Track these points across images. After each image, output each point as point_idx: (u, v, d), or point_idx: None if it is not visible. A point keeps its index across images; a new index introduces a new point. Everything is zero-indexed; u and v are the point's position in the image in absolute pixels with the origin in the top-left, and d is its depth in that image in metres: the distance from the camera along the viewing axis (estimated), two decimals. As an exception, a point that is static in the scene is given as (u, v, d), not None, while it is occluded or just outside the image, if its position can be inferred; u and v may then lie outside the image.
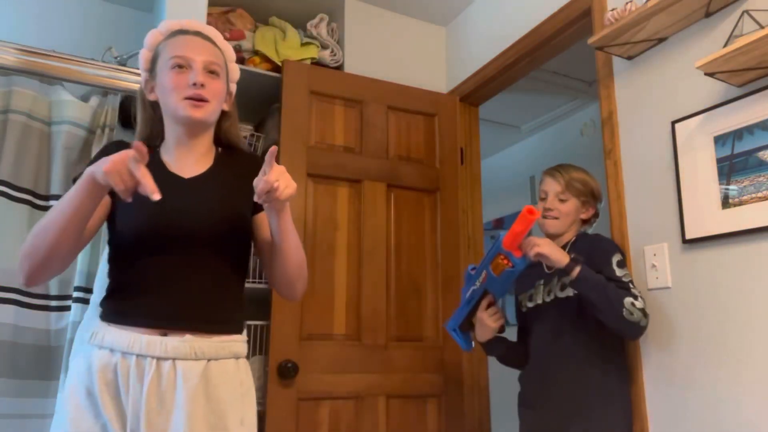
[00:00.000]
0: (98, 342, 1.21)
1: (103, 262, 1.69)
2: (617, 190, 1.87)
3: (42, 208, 2.04)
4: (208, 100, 1.29)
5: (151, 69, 1.34)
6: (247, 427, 1.24)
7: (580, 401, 1.65)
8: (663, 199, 1.72)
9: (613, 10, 1.76)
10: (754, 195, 1.47)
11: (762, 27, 1.47)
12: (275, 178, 1.12)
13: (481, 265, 1.71)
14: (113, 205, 1.29)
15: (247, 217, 1.36)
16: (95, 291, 1.66)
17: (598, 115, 3.47)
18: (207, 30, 1.37)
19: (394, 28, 2.82)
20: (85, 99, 2.18)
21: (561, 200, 1.82)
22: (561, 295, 1.74)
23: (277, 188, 1.13)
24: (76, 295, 1.96)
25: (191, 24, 1.36)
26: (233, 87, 1.44)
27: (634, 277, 1.77)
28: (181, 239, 1.25)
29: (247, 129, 2.49)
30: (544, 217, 1.83)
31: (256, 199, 1.16)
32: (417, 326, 2.37)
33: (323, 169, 2.33)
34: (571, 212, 1.81)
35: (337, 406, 2.16)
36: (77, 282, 1.97)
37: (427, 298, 2.42)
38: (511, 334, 1.92)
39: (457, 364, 2.41)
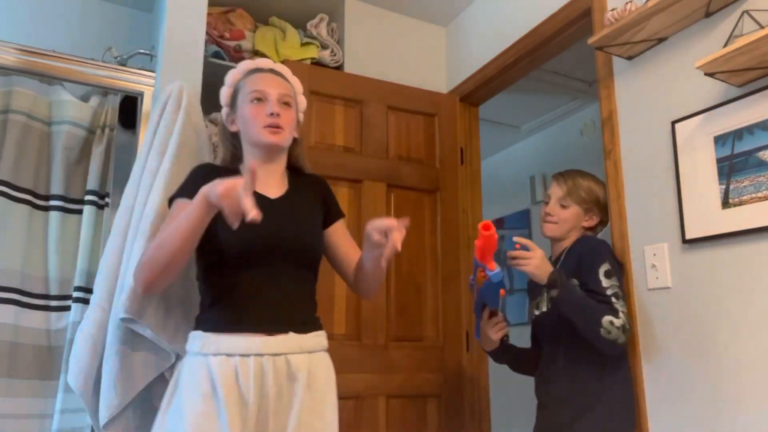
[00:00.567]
0: (213, 350, 1.33)
1: (103, 263, 1.68)
2: (617, 190, 1.87)
3: (42, 208, 2.04)
4: (283, 128, 1.47)
5: (232, 104, 1.55)
6: (336, 413, 1.42)
7: (577, 406, 1.65)
8: (663, 199, 1.72)
9: (613, 10, 1.76)
10: (754, 195, 1.47)
11: (762, 27, 1.47)
12: (398, 239, 1.29)
13: (472, 279, 1.76)
14: (211, 225, 1.38)
15: (321, 234, 1.57)
16: (96, 291, 1.66)
17: (598, 115, 3.47)
18: (278, 67, 1.58)
19: (394, 28, 2.82)
20: (85, 99, 2.18)
21: (562, 206, 1.82)
22: None
23: (395, 245, 1.30)
24: (76, 295, 1.96)
25: (265, 63, 1.57)
26: (301, 116, 1.62)
27: (634, 278, 1.78)
28: (279, 252, 1.42)
29: (247, 129, 2.49)
30: (544, 221, 1.85)
31: (372, 248, 1.36)
32: (417, 326, 2.37)
33: (323, 169, 2.33)
34: (571, 219, 1.81)
35: (337, 406, 2.16)
36: (77, 282, 1.97)
37: (427, 298, 2.42)
38: (524, 339, 1.93)
39: (457, 364, 2.41)
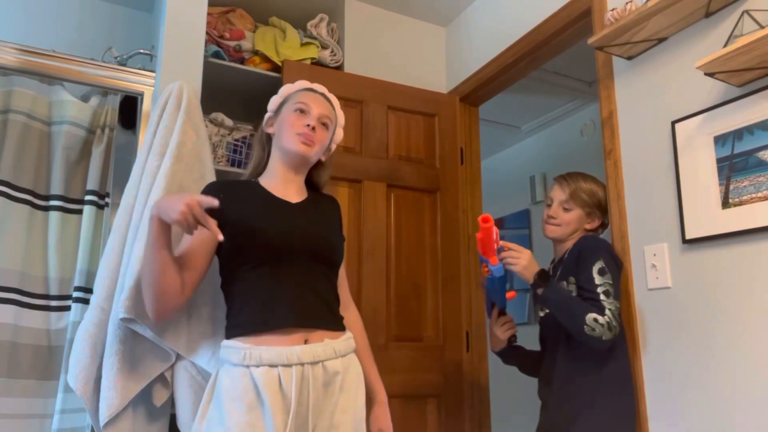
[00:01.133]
0: (256, 361, 1.35)
1: (103, 263, 1.68)
2: (617, 190, 1.87)
3: (42, 208, 2.04)
4: (314, 144, 1.54)
5: (276, 110, 1.63)
6: (364, 411, 1.49)
7: (575, 406, 1.65)
8: (663, 199, 1.72)
9: (613, 10, 1.76)
10: (754, 195, 1.47)
11: (762, 27, 1.47)
12: None
13: (480, 276, 1.82)
14: (237, 227, 1.45)
15: (343, 239, 1.63)
16: (96, 291, 1.66)
17: (598, 115, 3.47)
18: (330, 95, 1.66)
19: (394, 28, 2.82)
20: (85, 99, 2.18)
21: (565, 209, 1.83)
22: None
23: None
24: (76, 295, 1.96)
25: (319, 87, 1.66)
26: (334, 146, 1.69)
27: (634, 278, 1.78)
28: (308, 251, 1.47)
29: (247, 129, 2.49)
30: (546, 223, 1.86)
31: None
32: (417, 326, 2.37)
33: (323, 169, 2.33)
34: (573, 221, 1.83)
35: (337, 406, 2.15)
36: (77, 282, 1.97)
37: (427, 298, 2.42)
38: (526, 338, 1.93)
39: (457, 364, 2.41)
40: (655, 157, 1.76)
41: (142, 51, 2.33)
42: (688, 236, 1.62)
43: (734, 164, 1.52)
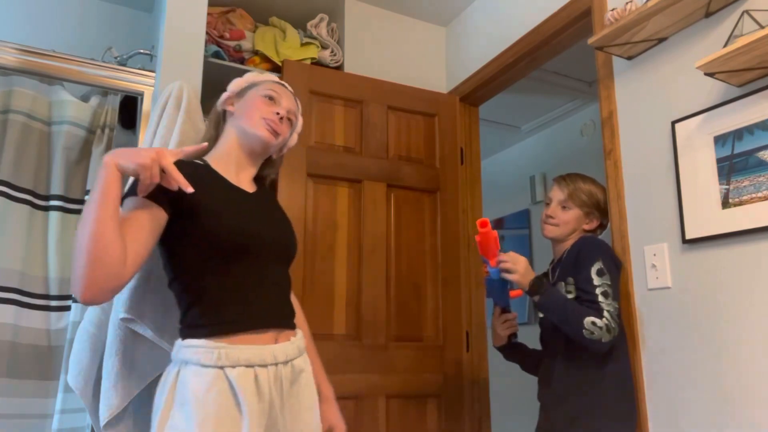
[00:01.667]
0: (232, 362, 1.26)
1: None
2: (617, 190, 1.87)
3: (42, 208, 2.04)
4: (280, 134, 1.49)
5: (239, 92, 1.55)
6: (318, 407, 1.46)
7: (575, 407, 1.65)
8: (663, 199, 1.72)
9: (613, 10, 1.76)
10: (754, 195, 1.47)
11: (762, 27, 1.47)
12: None
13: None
14: (174, 219, 1.30)
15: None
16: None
17: (598, 115, 3.47)
18: (296, 97, 1.61)
19: (394, 28, 2.82)
20: (85, 99, 2.18)
21: (563, 208, 1.84)
22: None
23: None
24: (76, 295, 1.96)
25: (286, 85, 1.60)
26: (286, 150, 1.64)
27: (634, 278, 1.78)
28: (273, 249, 1.41)
29: (247, 129, 2.49)
30: (545, 223, 1.87)
31: None
32: (417, 326, 2.37)
33: (323, 169, 2.33)
34: (571, 221, 1.83)
35: (337, 406, 2.16)
36: (77, 282, 1.97)
37: (427, 298, 2.42)
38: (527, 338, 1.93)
39: (457, 364, 2.41)
40: (655, 157, 1.76)
41: (142, 51, 2.33)
42: (688, 236, 1.62)
43: (734, 164, 1.52)
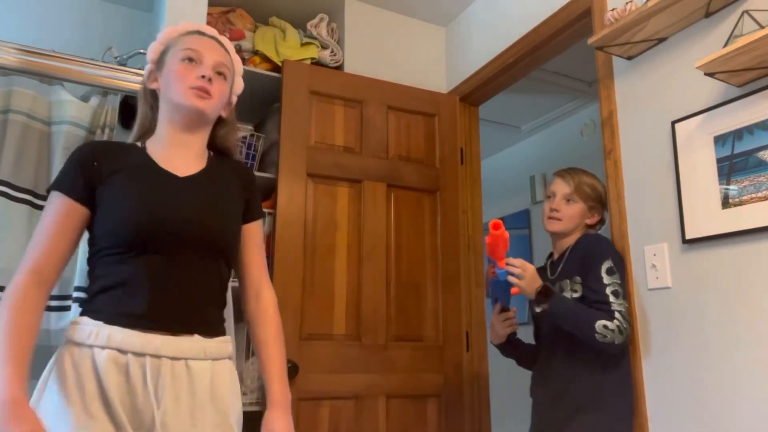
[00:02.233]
0: (102, 342, 1.14)
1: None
2: (617, 190, 1.87)
3: (42, 208, 2.04)
4: (213, 96, 1.30)
5: (158, 61, 1.36)
6: (240, 425, 1.28)
7: (574, 405, 1.66)
8: (663, 199, 1.72)
9: (613, 10, 1.76)
10: (754, 195, 1.47)
11: (762, 27, 1.47)
12: None
13: (486, 273, 1.83)
14: (94, 210, 1.25)
15: (239, 223, 1.37)
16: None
17: (598, 115, 3.47)
18: (222, 38, 1.41)
19: (394, 28, 2.82)
20: (85, 99, 2.18)
21: (568, 202, 1.82)
22: None
23: None
24: (76, 295, 1.95)
25: (208, 29, 1.39)
26: (234, 99, 1.46)
27: (634, 278, 1.78)
28: (181, 237, 1.23)
29: (247, 129, 2.50)
30: (549, 217, 1.85)
31: None
32: (417, 326, 2.37)
33: (323, 169, 2.33)
34: (576, 216, 1.82)
35: (337, 406, 2.16)
36: (77, 282, 1.97)
37: (427, 298, 2.42)
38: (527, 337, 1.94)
39: (457, 364, 2.41)
40: (655, 157, 1.76)
41: (142, 51, 2.32)
42: (688, 236, 1.62)
43: (734, 164, 1.52)
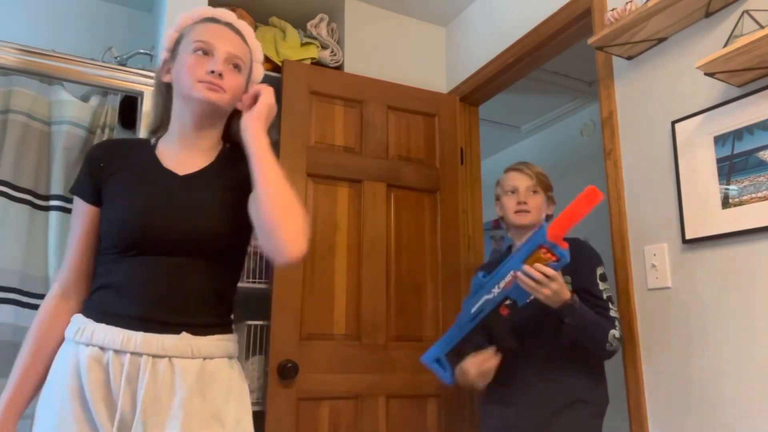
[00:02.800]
0: (86, 339, 1.14)
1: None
2: (617, 190, 1.87)
3: (42, 208, 2.04)
4: (225, 90, 1.23)
5: (173, 50, 1.29)
6: (243, 428, 1.20)
7: (556, 405, 1.65)
8: (663, 199, 1.72)
9: (613, 10, 1.76)
10: (754, 195, 1.47)
11: (762, 27, 1.47)
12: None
13: (506, 267, 1.49)
14: (100, 208, 1.26)
15: (244, 216, 1.24)
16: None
17: (598, 115, 3.47)
18: (239, 24, 1.32)
19: (394, 28, 2.82)
20: (85, 99, 2.18)
21: (533, 193, 1.83)
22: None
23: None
24: (76, 295, 1.96)
25: (224, 14, 1.31)
26: (251, 90, 1.35)
27: (634, 278, 1.78)
28: (173, 237, 1.19)
29: (247, 129, 2.49)
30: (517, 211, 1.82)
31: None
32: (417, 326, 2.37)
33: (323, 169, 2.33)
34: (541, 206, 1.84)
35: (337, 406, 2.16)
36: (77, 282, 1.97)
37: (427, 298, 2.42)
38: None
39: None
40: (655, 157, 1.76)
41: (142, 51, 2.33)
42: (688, 236, 1.62)
43: (734, 164, 1.52)
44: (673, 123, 1.69)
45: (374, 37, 2.75)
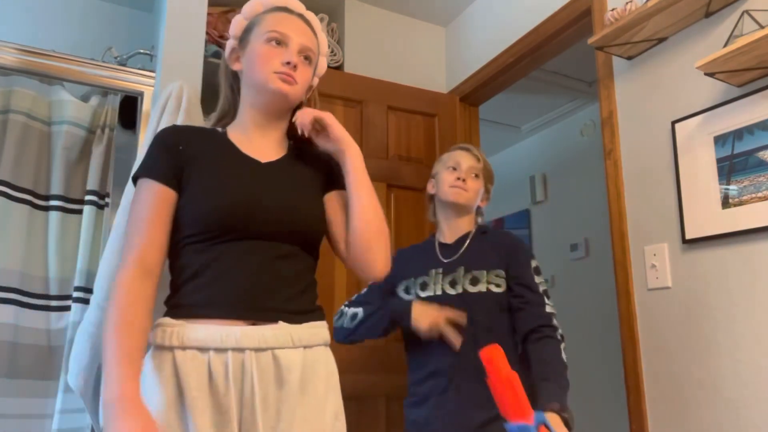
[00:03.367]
0: (179, 342, 1.07)
1: (103, 262, 1.68)
2: (617, 190, 1.87)
3: (42, 208, 2.04)
4: (298, 82, 1.22)
5: (242, 38, 1.27)
6: (341, 421, 1.19)
7: (493, 409, 1.34)
8: (663, 199, 1.72)
9: (613, 10, 1.76)
10: (754, 195, 1.47)
11: (762, 27, 1.47)
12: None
13: None
14: (179, 197, 1.18)
15: (322, 208, 1.28)
16: (95, 291, 1.66)
17: (598, 115, 3.47)
18: (310, 16, 1.31)
19: (394, 28, 2.82)
20: (85, 99, 2.18)
21: (475, 177, 1.74)
22: (472, 290, 1.61)
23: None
24: (76, 295, 1.96)
25: (296, 5, 1.30)
26: (316, 81, 1.37)
27: (634, 278, 1.78)
28: (264, 225, 1.16)
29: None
30: (453, 186, 1.70)
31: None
32: (417, 326, 2.37)
33: (323, 169, 2.33)
34: (479, 193, 1.75)
35: (337, 406, 2.16)
36: (77, 282, 1.97)
37: (427, 298, 2.42)
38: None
39: (457, 364, 2.41)
40: (655, 157, 1.76)
41: (142, 51, 2.33)
42: (688, 236, 1.62)
43: (734, 164, 1.52)
44: (673, 123, 1.69)
45: (374, 37, 2.75)
